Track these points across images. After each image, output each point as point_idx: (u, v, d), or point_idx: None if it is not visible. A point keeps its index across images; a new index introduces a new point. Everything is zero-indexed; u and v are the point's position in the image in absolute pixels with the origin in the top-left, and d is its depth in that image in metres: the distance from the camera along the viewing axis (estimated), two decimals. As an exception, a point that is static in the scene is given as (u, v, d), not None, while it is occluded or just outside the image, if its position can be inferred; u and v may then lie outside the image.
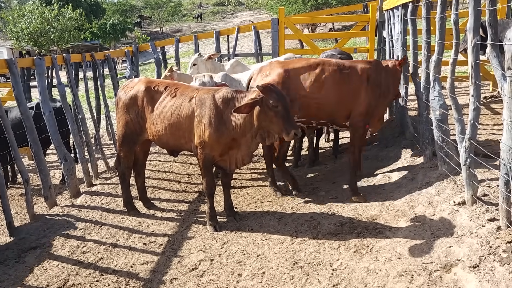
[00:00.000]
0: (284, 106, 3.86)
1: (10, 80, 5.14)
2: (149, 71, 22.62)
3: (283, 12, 8.71)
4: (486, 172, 4.04)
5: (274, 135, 4.04)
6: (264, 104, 3.87)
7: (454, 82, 3.99)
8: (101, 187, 6.01)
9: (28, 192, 5.00)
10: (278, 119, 3.86)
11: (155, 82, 4.72)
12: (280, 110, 3.84)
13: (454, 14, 3.74)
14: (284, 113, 3.85)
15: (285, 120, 3.85)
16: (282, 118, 3.84)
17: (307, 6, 28.56)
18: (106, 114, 7.70)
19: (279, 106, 3.83)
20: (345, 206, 4.52)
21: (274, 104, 3.83)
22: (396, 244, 3.57)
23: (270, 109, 3.86)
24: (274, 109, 3.84)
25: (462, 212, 3.60)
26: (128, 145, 4.80)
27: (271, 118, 3.88)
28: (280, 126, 3.88)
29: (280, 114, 3.85)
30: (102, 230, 4.62)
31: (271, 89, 3.88)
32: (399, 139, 6.00)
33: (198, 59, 6.88)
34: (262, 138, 4.12)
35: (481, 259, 3.00)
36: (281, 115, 3.84)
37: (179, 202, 5.25)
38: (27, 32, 31.95)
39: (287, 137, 3.90)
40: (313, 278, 3.33)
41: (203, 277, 3.56)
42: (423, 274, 3.09)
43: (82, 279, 3.72)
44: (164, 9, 48.64)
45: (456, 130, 3.85)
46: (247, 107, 3.89)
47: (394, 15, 6.31)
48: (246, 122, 4.04)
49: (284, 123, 3.85)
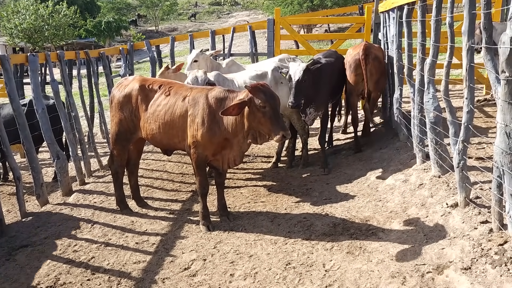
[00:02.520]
0: (272, 106, 3.83)
1: (3, 77, 5.09)
2: (143, 69, 22.54)
3: (279, 13, 8.72)
4: (479, 175, 4.06)
5: (265, 136, 4.02)
6: (253, 105, 3.85)
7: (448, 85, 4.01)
8: (93, 185, 5.97)
9: (19, 190, 4.95)
10: (266, 119, 3.83)
11: (149, 80, 4.70)
12: (267, 110, 3.81)
13: (449, 17, 3.75)
14: (272, 114, 3.82)
15: (273, 121, 3.82)
16: (270, 119, 3.82)
17: (302, 7, 28.62)
18: (99, 112, 7.65)
19: (267, 106, 3.81)
20: (339, 207, 4.52)
21: (262, 105, 3.80)
22: (389, 246, 3.58)
23: (258, 110, 3.84)
24: (262, 110, 3.82)
25: (455, 214, 3.61)
26: (121, 143, 4.77)
27: (259, 118, 3.87)
28: (268, 127, 3.85)
29: (268, 115, 3.82)
30: (94, 229, 4.59)
31: (259, 89, 3.84)
32: (393, 141, 6.02)
33: (200, 55, 6.50)
34: (254, 138, 4.10)
35: (473, 261, 3.01)
36: (269, 116, 3.82)
37: (172, 201, 5.22)
38: (21, 29, 31.66)
39: (275, 138, 3.86)
40: (306, 278, 3.33)
41: (196, 276, 3.55)
42: (415, 276, 3.10)
43: (73, 278, 3.69)
44: (159, 7, 48.46)
45: (450, 132, 3.87)
46: (236, 108, 3.87)
47: (390, 17, 6.33)
48: (238, 123, 4.04)
49: (272, 124, 3.82)
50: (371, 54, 6.00)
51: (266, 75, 5.73)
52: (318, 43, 23.13)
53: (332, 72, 5.93)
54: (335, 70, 6.08)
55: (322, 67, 5.54)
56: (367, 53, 5.92)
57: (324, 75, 5.62)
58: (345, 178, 5.36)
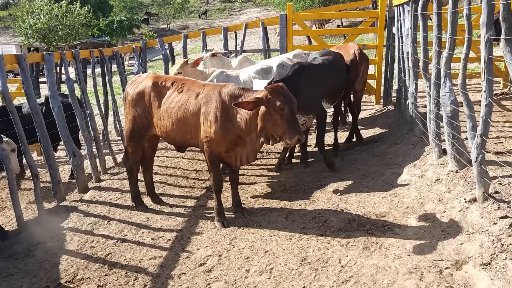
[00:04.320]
0: (290, 109, 3.81)
1: (19, 76, 5.16)
2: (156, 67, 22.67)
3: (291, 8, 8.66)
4: (497, 169, 3.98)
5: (278, 137, 3.98)
6: (271, 105, 3.81)
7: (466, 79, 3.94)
8: (109, 182, 6.03)
9: (37, 187, 5.03)
10: (283, 122, 3.81)
11: (162, 77, 4.71)
12: (285, 113, 3.80)
13: (467, 8, 3.68)
14: (290, 117, 3.81)
15: (290, 124, 3.80)
16: (287, 122, 3.80)
17: (314, 3, 28.41)
18: (114, 110, 7.72)
19: (286, 109, 3.79)
20: (354, 203, 4.49)
21: (281, 107, 3.78)
22: (405, 241, 3.54)
23: (276, 111, 3.81)
24: (280, 112, 3.80)
25: (473, 210, 3.55)
26: (135, 140, 4.80)
27: (276, 120, 3.84)
28: (284, 129, 3.83)
29: (286, 118, 3.80)
30: (111, 225, 4.64)
31: (279, 91, 3.82)
32: (408, 136, 5.94)
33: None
34: (267, 138, 4.07)
35: (492, 256, 2.96)
36: (287, 119, 3.80)
37: (187, 198, 5.25)
38: (36, 29, 32.14)
39: (290, 142, 3.85)
40: (322, 274, 3.31)
41: (211, 272, 3.56)
42: (433, 272, 3.06)
43: (91, 273, 3.74)
44: (171, 6, 48.62)
45: (468, 126, 3.80)
46: (250, 104, 3.84)
47: (404, 11, 6.24)
48: (252, 121, 4.01)
49: (288, 127, 3.80)
50: (363, 55, 6.58)
51: (271, 70, 5.72)
52: (330, 38, 22.98)
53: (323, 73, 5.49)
54: (329, 71, 5.60)
55: (306, 69, 5.26)
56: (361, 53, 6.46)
57: (310, 77, 5.26)
58: (360, 173, 5.32)
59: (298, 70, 5.28)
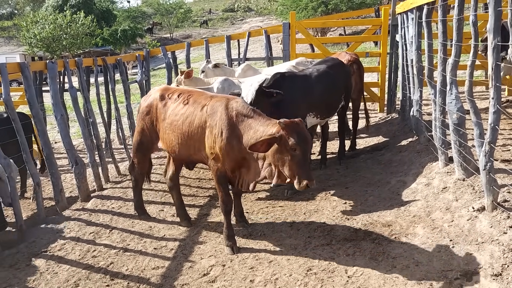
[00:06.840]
0: (303, 151, 3.41)
1: (22, 84, 5.15)
2: (159, 76, 22.74)
3: (294, 16, 8.67)
4: (505, 177, 3.92)
5: (285, 178, 3.56)
6: (283, 143, 3.41)
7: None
8: (111, 191, 5.98)
9: (39, 196, 4.98)
10: (293, 164, 3.41)
11: (170, 89, 4.56)
12: (297, 154, 3.39)
13: (473, 15, 3.65)
14: (301, 159, 3.41)
15: (300, 167, 3.40)
16: (298, 164, 3.40)
17: (317, 12, 28.51)
18: (116, 118, 7.70)
19: (298, 150, 3.38)
20: (359, 211, 4.42)
21: (293, 147, 3.38)
22: (413, 251, 3.47)
23: (287, 150, 3.40)
24: (291, 152, 3.39)
25: (482, 219, 3.48)
26: (142, 152, 4.75)
27: (285, 159, 3.44)
28: (293, 172, 3.43)
29: (296, 159, 3.40)
30: (113, 234, 4.58)
31: (294, 129, 3.41)
32: (413, 144, 5.89)
33: (206, 66, 7.02)
34: (270, 175, 3.64)
35: (503, 267, 2.89)
36: (297, 160, 3.40)
37: (190, 207, 5.18)
38: (40, 38, 32.42)
39: (297, 186, 3.44)
40: (328, 285, 3.24)
41: (215, 282, 3.49)
42: (442, 282, 2.99)
43: (93, 284, 3.67)
44: (174, 15, 49.00)
45: (475, 134, 3.74)
46: (264, 145, 3.44)
47: (408, 18, 6.23)
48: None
49: (298, 169, 3.40)
50: (358, 63, 6.63)
51: None
52: (333, 46, 23.02)
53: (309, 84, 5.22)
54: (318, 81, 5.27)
55: (286, 79, 4.96)
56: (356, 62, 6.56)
57: (291, 88, 4.93)
58: (365, 181, 5.26)
59: (278, 80, 4.91)
